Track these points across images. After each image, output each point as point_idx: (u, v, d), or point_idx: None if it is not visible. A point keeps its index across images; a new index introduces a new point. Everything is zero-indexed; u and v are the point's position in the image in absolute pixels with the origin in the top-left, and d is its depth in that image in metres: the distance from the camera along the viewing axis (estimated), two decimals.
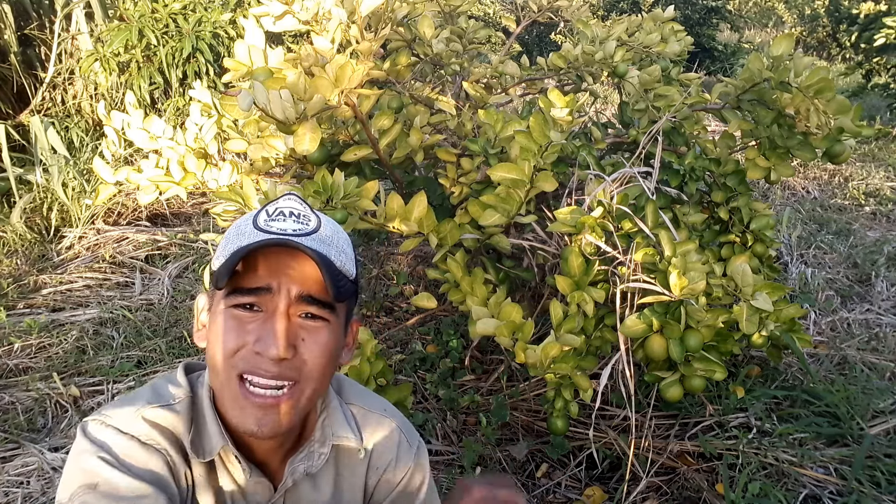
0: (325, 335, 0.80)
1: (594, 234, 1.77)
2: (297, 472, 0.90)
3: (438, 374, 2.46)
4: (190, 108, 2.03)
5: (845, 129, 1.84)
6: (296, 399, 0.80)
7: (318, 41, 1.72)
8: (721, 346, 1.78)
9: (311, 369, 0.80)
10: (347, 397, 0.99)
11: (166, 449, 0.81)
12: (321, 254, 0.77)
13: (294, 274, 0.78)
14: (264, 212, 0.81)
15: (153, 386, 0.88)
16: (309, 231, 0.80)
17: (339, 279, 0.79)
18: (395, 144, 2.03)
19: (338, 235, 0.84)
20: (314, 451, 0.91)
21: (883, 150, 5.94)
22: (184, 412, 0.84)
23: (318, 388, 0.83)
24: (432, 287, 2.92)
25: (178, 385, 0.87)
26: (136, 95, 4.70)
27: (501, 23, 5.47)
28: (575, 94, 2.19)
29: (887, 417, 2.15)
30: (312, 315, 0.80)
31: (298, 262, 0.78)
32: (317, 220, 0.82)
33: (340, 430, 0.93)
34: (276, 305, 0.77)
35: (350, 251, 0.85)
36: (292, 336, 0.78)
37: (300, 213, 0.81)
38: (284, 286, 0.77)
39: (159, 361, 2.65)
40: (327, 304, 0.80)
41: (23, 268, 3.48)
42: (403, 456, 1.00)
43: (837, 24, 8.43)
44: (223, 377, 0.79)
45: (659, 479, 1.96)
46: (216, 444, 0.83)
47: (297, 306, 0.79)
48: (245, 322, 0.78)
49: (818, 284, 3.26)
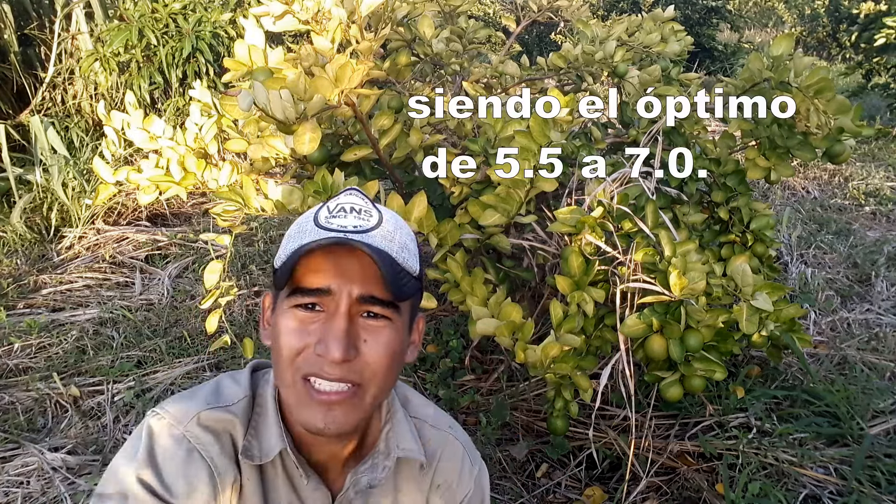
0: (387, 335, 0.78)
1: (594, 234, 1.77)
2: (361, 483, 0.87)
3: (438, 374, 2.46)
4: (190, 108, 2.03)
5: (845, 129, 1.84)
6: (360, 398, 0.78)
7: (318, 41, 1.71)
8: (721, 346, 1.77)
9: (375, 371, 0.78)
10: (413, 410, 0.96)
11: (212, 458, 0.79)
12: (382, 251, 0.76)
13: (354, 274, 0.76)
14: (325, 208, 0.80)
15: (217, 383, 0.87)
16: (370, 227, 0.78)
17: (402, 277, 0.77)
18: (395, 144, 2.03)
19: (400, 231, 0.81)
20: (378, 464, 0.88)
21: (883, 150, 5.94)
22: (240, 414, 0.82)
23: (384, 388, 0.81)
24: (432, 287, 2.92)
25: (239, 384, 0.86)
26: (136, 95, 4.70)
27: (501, 23, 5.47)
28: (575, 94, 2.19)
29: (887, 417, 2.15)
30: (375, 314, 0.78)
31: (359, 260, 0.76)
32: (378, 216, 0.80)
33: (405, 442, 0.90)
34: (336, 306, 0.76)
35: (413, 247, 0.83)
36: (354, 337, 0.76)
37: (361, 209, 0.79)
38: (345, 287, 0.76)
39: (159, 361, 2.65)
40: (389, 304, 0.78)
41: (23, 268, 3.48)
42: (465, 476, 0.97)
43: (837, 24, 8.43)
44: (288, 378, 0.77)
45: (659, 479, 1.96)
46: (275, 447, 0.81)
47: (359, 307, 0.77)
48: (307, 323, 0.76)
49: (818, 284, 3.26)
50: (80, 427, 2.25)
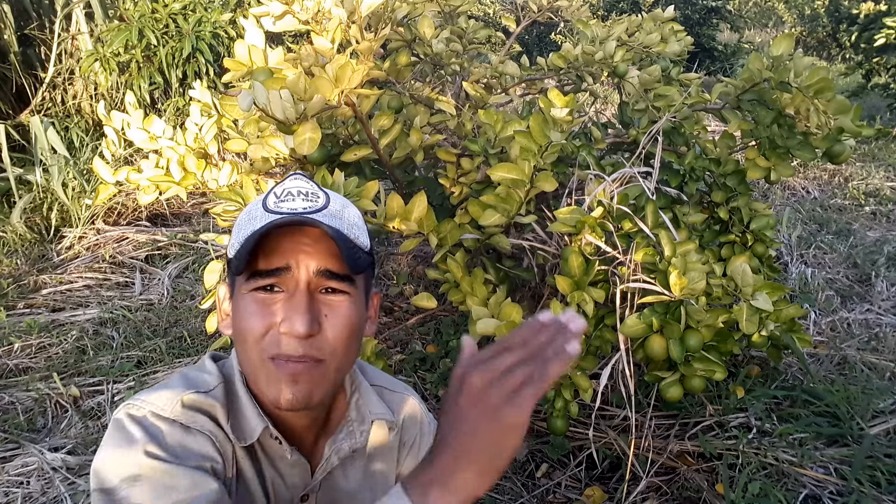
0: (347, 308, 0.81)
1: (594, 234, 1.77)
2: (343, 450, 0.91)
3: (438, 374, 2.46)
4: (190, 109, 2.03)
5: (845, 129, 1.84)
6: (323, 371, 0.80)
7: (318, 41, 1.71)
8: (721, 346, 1.78)
9: (336, 344, 0.80)
10: (371, 379, 1.01)
11: (211, 431, 0.81)
12: (334, 228, 0.78)
13: (310, 250, 0.79)
14: (272, 194, 0.82)
15: (184, 375, 0.87)
16: (319, 207, 0.80)
17: (355, 251, 0.80)
18: (395, 144, 2.03)
19: (347, 209, 0.85)
20: (354, 430, 0.92)
21: (883, 150, 5.94)
22: (220, 398, 0.84)
23: (346, 361, 0.83)
24: (432, 287, 2.92)
25: (209, 373, 0.87)
26: (136, 95, 4.70)
27: (501, 23, 5.47)
28: (575, 94, 2.19)
29: (887, 417, 2.15)
30: (333, 290, 0.80)
31: (313, 238, 0.79)
32: (325, 197, 0.83)
33: (375, 408, 0.95)
34: (296, 283, 0.78)
35: (361, 224, 0.86)
36: (316, 311, 0.78)
37: (308, 192, 0.82)
38: (303, 263, 0.78)
39: (159, 361, 2.65)
40: (346, 277, 0.80)
41: (23, 268, 3.49)
42: (426, 432, 1.03)
43: (837, 24, 8.43)
44: (255, 360, 0.79)
45: (659, 479, 1.96)
46: (256, 427, 0.83)
47: (318, 281, 0.79)
48: (268, 304, 0.79)
49: (818, 284, 3.26)
50: (80, 427, 2.25)
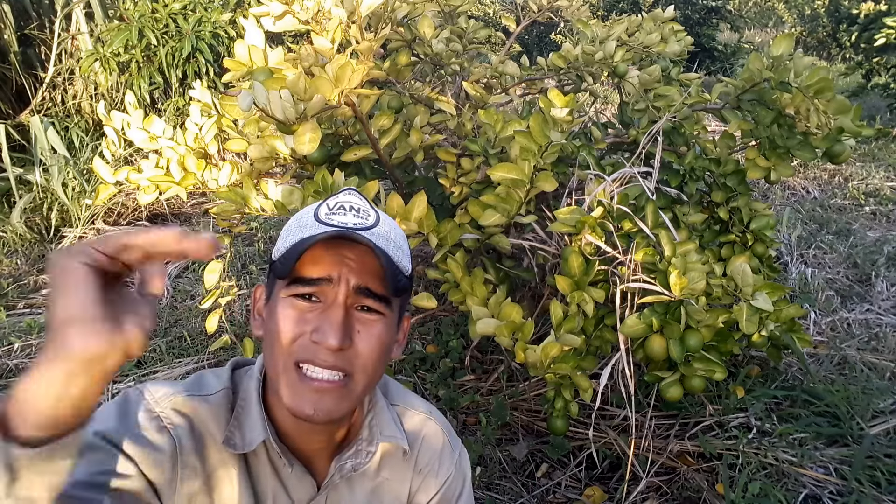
0: (379, 328, 0.82)
1: (594, 234, 1.77)
2: (346, 468, 0.90)
3: (438, 374, 2.46)
4: (190, 108, 2.03)
5: (845, 129, 1.84)
6: (349, 388, 0.81)
7: (318, 41, 1.71)
8: (721, 346, 1.78)
9: (366, 362, 0.81)
10: (392, 398, 1.00)
11: (179, 437, 0.81)
12: (381, 248, 0.79)
13: (354, 266, 0.79)
14: (325, 205, 0.82)
15: (199, 375, 0.90)
16: (369, 226, 0.81)
17: (398, 273, 0.80)
18: (395, 144, 2.03)
19: (395, 231, 0.85)
20: (362, 450, 0.92)
21: (883, 150, 5.94)
22: (217, 404, 0.85)
23: (371, 381, 0.84)
24: (432, 287, 2.92)
25: (219, 378, 0.89)
26: (136, 95, 4.70)
27: (501, 23, 5.47)
28: (575, 94, 2.19)
29: (887, 417, 2.15)
30: (369, 308, 0.81)
31: (358, 254, 0.80)
32: (376, 216, 0.83)
33: (388, 430, 0.94)
34: (335, 296, 0.79)
35: (406, 248, 0.86)
36: (349, 327, 0.79)
37: (360, 208, 0.83)
38: (344, 277, 0.79)
39: (159, 361, 2.65)
40: (384, 298, 0.81)
41: (23, 268, 3.48)
42: (446, 460, 1.00)
43: (837, 24, 8.42)
44: (281, 364, 0.80)
45: (659, 479, 1.96)
46: (257, 437, 0.83)
47: (355, 298, 0.80)
48: (304, 312, 0.79)
49: (818, 284, 3.26)
50: None
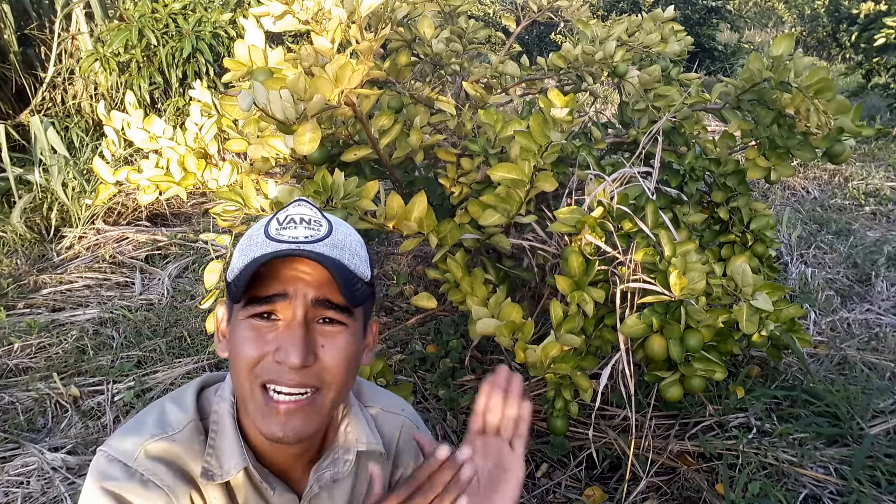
0: (344, 340, 0.80)
1: (594, 234, 1.77)
2: (324, 478, 0.90)
3: (438, 374, 2.46)
4: (190, 108, 2.03)
5: (845, 129, 1.84)
6: (319, 404, 0.79)
7: (318, 41, 1.71)
8: (721, 346, 1.78)
9: (333, 375, 0.79)
10: (366, 400, 1.00)
11: (169, 486, 0.80)
12: (334, 259, 0.77)
13: (309, 279, 0.77)
14: (275, 220, 0.81)
15: (161, 408, 0.87)
16: (321, 237, 0.79)
17: (355, 283, 0.79)
18: (395, 144, 2.03)
19: (350, 238, 0.83)
20: (339, 458, 0.91)
21: (883, 150, 5.94)
22: (185, 441, 0.83)
23: (341, 392, 0.82)
24: (432, 287, 2.92)
25: (183, 409, 0.86)
26: (136, 95, 4.70)
27: (501, 23, 5.47)
28: (575, 94, 2.19)
29: (887, 417, 2.15)
30: (331, 320, 0.79)
31: (313, 267, 0.78)
32: (328, 225, 0.81)
33: (363, 436, 0.93)
34: (293, 312, 0.77)
35: (363, 253, 0.84)
36: (312, 343, 0.77)
37: (311, 219, 0.81)
38: (300, 292, 0.77)
39: (159, 361, 2.65)
40: (344, 309, 0.79)
41: (23, 268, 3.49)
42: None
43: (837, 24, 8.43)
44: (247, 388, 0.79)
45: (659, 479, 1.96)
46: (236, 465, 0.82)
47: (315, 311, 0.78)
48: (264, 332, 0.77)
49: (818, 284, 3.26)
50: (80, 427, 2.25)
